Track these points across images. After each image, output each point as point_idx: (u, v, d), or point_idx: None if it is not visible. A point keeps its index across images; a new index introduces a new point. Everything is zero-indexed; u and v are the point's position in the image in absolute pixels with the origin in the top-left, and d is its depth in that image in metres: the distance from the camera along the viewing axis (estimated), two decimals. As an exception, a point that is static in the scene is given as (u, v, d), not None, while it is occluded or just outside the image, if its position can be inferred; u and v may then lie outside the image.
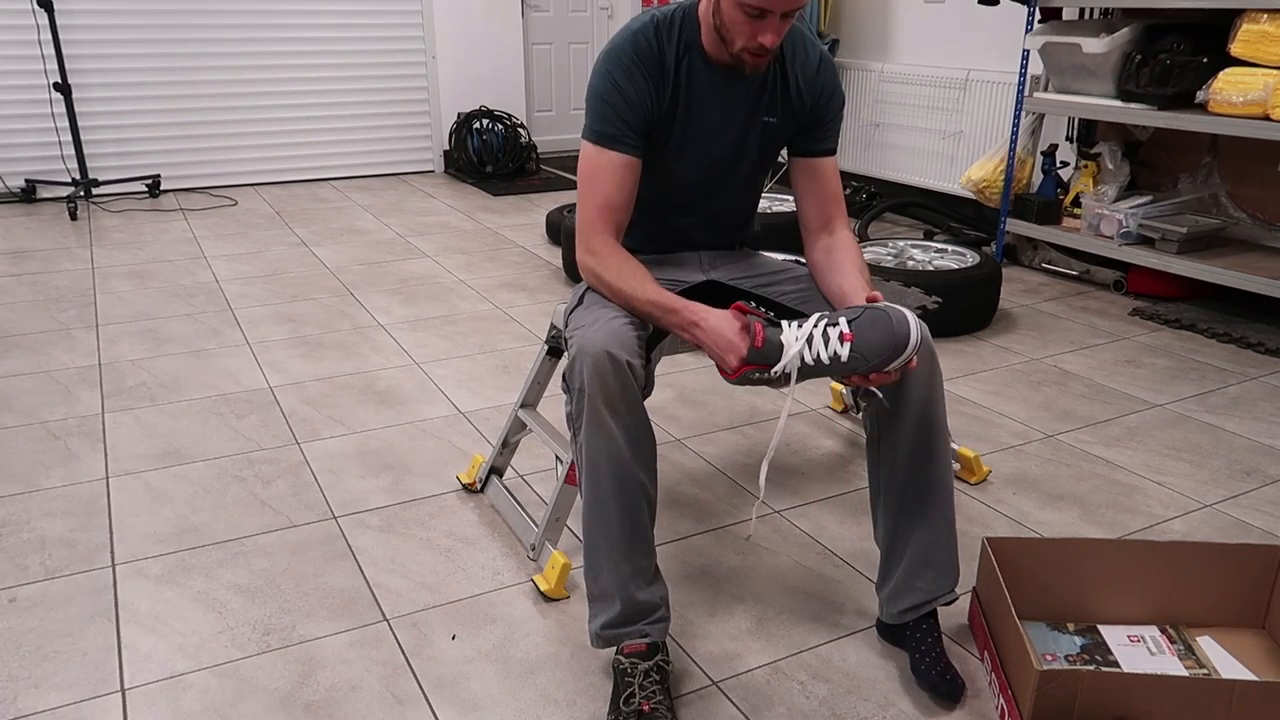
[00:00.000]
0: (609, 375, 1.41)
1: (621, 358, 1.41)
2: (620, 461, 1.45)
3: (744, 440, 2.37)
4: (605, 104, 1.54)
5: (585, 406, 1.43)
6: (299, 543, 1.92)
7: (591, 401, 1.42)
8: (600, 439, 1.44)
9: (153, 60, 5.07)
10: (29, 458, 2.25)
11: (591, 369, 1.41)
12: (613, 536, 1.47)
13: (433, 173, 5.93)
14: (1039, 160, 3.75)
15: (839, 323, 1.37)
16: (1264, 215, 3.42)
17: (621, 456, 1.44)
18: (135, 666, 1.56)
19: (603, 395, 1.42)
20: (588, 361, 1.41)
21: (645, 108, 1.55)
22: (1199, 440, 2.39)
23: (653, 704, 1.41)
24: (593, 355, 1.41)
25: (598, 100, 1.55)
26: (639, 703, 1.41)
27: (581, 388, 1.42)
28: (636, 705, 1.41)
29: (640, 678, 1.43)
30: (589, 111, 1.57)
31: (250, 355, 2.90)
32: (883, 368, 1.36)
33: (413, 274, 3.77)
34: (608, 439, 1.43)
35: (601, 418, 1.43)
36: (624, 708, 1.41)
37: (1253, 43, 2.93)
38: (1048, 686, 1.33)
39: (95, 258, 3.94)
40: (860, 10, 4.89)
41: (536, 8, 6.13)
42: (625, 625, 1.47)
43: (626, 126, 1.54)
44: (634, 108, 1.54)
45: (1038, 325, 3.22)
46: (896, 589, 1.56)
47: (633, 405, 1.44)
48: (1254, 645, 1.60)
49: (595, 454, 1.45)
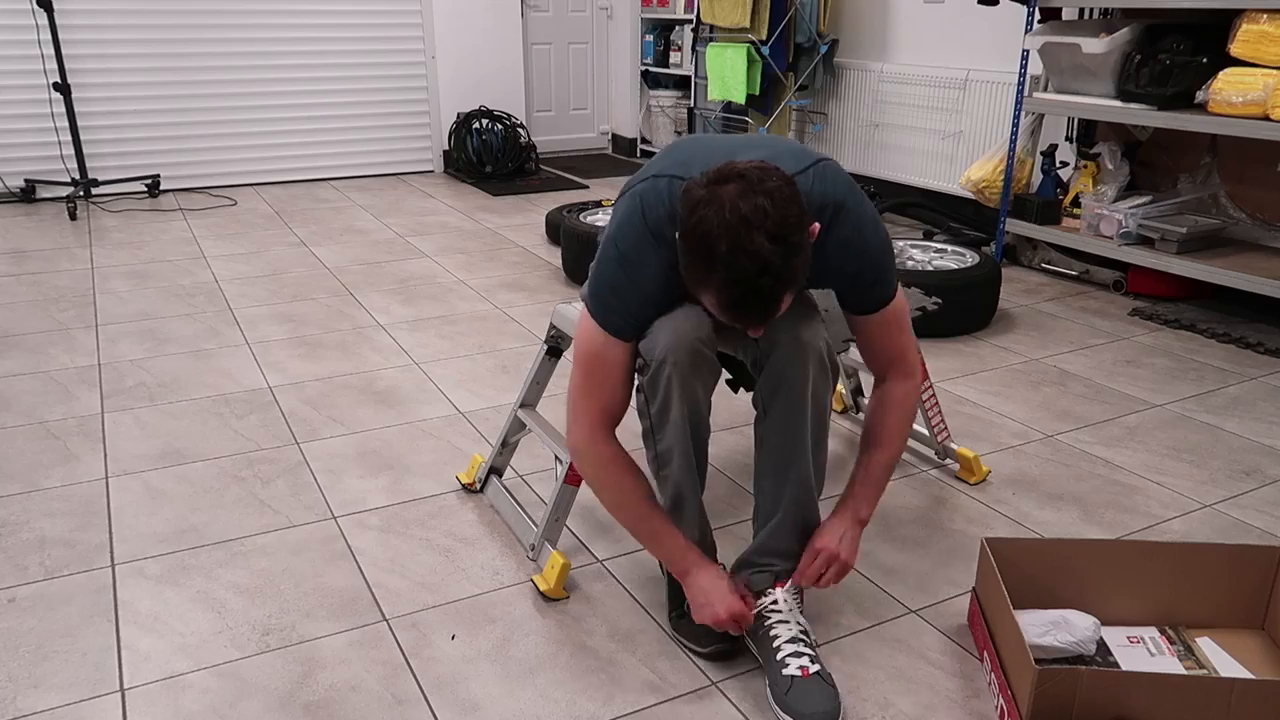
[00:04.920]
0: (695, 357, 1.44)
1: (704, 336, 1.44)
2: (699, 421, 1.51)
3: (744, 440, 2.37)
4: (619, 300, 1.44)
5: (672, 378, 1.44)
6: (298, 543, 1.92)
7: (678, 374, 1.43)
8: (687, 405, 1.47)
9: (153, 60, 5.07)
10: (29, 458, 2.25)
11: (675, 351, 1.42)
12: (699, 484, 1.56)
13: (432, 173, 5.93)
14: (1039, 160, 3.75)
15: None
16: (1264, 215, 3.42)
17: (700, 415, 1.50)
18: (134, 666, 1.56)
19: (690, 372, 1.44)
20: (671, 345, 1.42)
21: (645, 308, 1.46)
22: (1199, 440, 2.39)
23: None
24: (675, 341, 1.42)
25: (612, 290, 1.44)
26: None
27: (664, 360, 1.43)
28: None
29: None
30: (598, 294, 1.46)
31: (250, 355, 2.90)
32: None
33: (412, 274, 3.77)
34: (693, 402, 1.47)
35: (686, 387, 1.45)
36: (687, 608, 1.55)
37: (1252, 43, 2.93)
38: (1046, 686, 1.33)
39: (95, 258, 3.94)
40: (859, 10, 4.89)
41: (536, 8, 6.13)
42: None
43: (630, 320, 1.46)
44: (640, 309, 1.46)
45: (1037, 325, 3.22)
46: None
47: (710, 366, 1.48)
48: (1254, 646, 1.60)
49: (681, 419, 1.48)
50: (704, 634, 1.57)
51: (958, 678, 1.55)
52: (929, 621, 1.69)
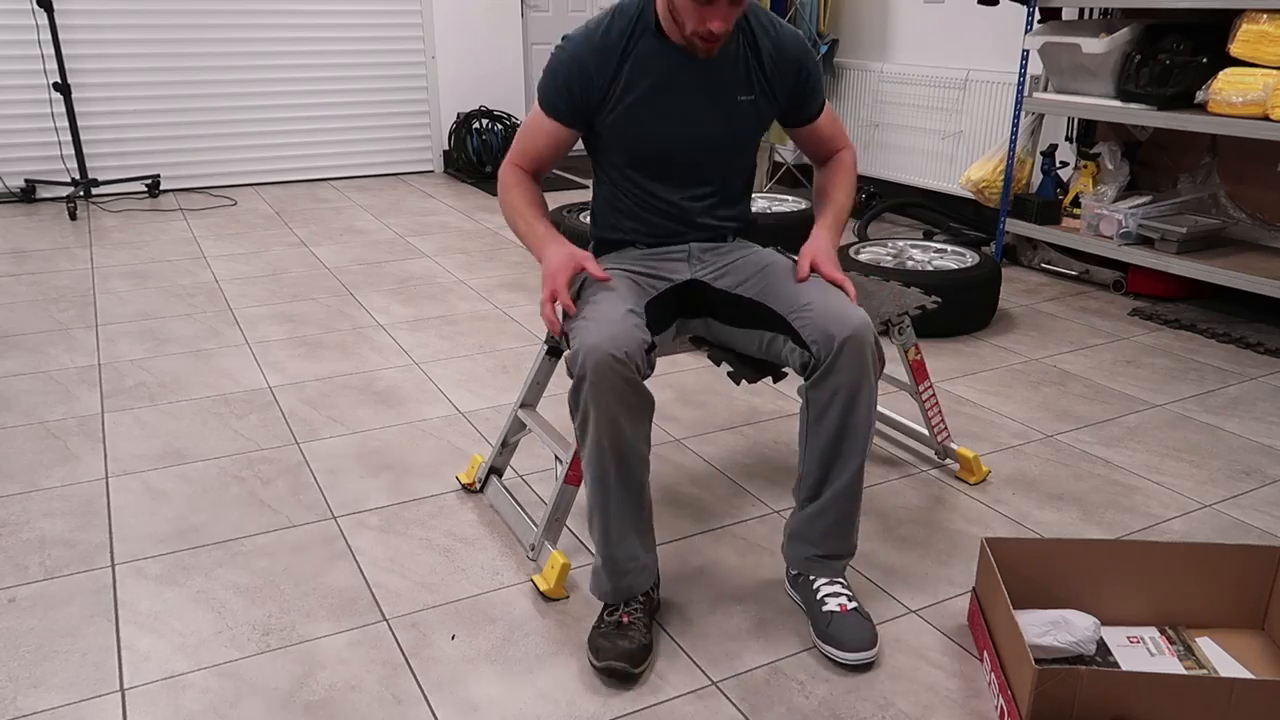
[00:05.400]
0: (614, 377, 1.44)
1: (624, 356, 1.44)
2: (622, 444, 1.50)
3: (743, 440, 2.37)
4: (554, 79, 1.66)
5: (589, 399, 1.46)
6: (298, 543, 1.92)
7: (596, 394, 1.45)
8: (603, 427, 1.48)
9: (153, 60, 5.07)
10: (29, 457, 2.25)
11: (594, 370, 1.43)
12: (619, 514, 1.56)
13: (432, 173, 5.93)
14: (1038, 160, 3.75)
15: None
16: (1263, 215, 3.42)
17: (623, 439, 1.50)
18: (134, 666, 1.56)
19: (609, 394, 1.45)
20: (590, 362, 1.44)
21: (587, 91, 1.64)
22: (1198, 440, 2.39)
23: (633, 617, 1.57)
24: (595, 358, 1.43)
25: (550, 74, 1.67)
26: (620, 615, 1.57)
27: (584, 377, 1.45)
28: (618, 617, 1.57)
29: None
30: (543, 79, 1.69)
31: (250, 355, 2.90)
32: None
33: (412, 274, 3.77)
34: (610, 424, 1.48)
35: (604, 411, 1.46)
36: (607, 618, 1.58)
37: (1252, 43, 2.93)
38: (1046, 686, 1.33)
39: (95, 257, 3.94)
40: (860, 10, 4.89)
41: (536, 8, 6.13)
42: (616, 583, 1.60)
43: (563, 103, 1.66)
44: (573, 88, 1.64)
45: (1037, 325, 3.22)
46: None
47: (636, 391, 1.48)
48: (1253, 646, 1.60)
49: (598, 438, 1.50)
50: (604, 647, 1.53)
51: (958, 678, 1.55)
52: (929, 621, 1.69)
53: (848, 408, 1.55)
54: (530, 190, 1.72)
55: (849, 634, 1.56)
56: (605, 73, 1.63)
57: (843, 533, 1.64)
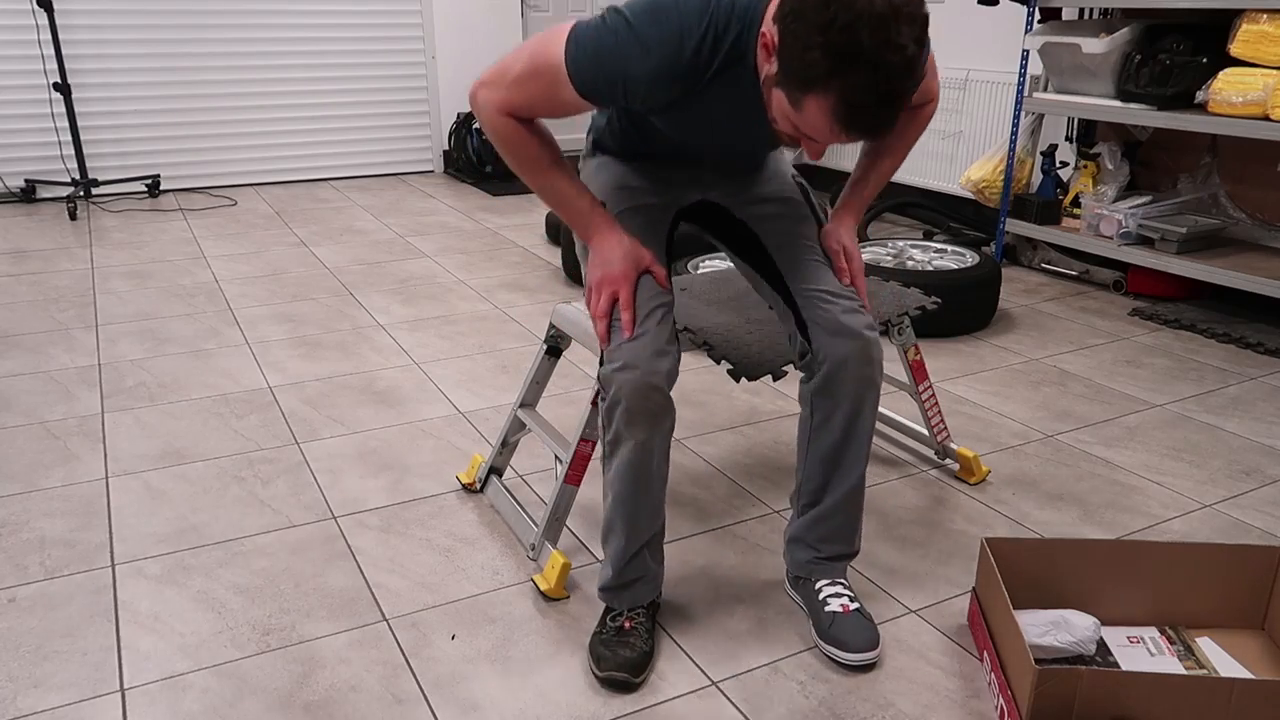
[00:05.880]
0: (649, 404, 1.44)
1: (660, 383, 1.43)
2: (650, 465, 1.50)
3: (743, 440, 2.37)
4: (608, 75, 1.33)
5: (621, 423, 1.46)
6: (298, 543, 1.92)
7: (628, 419, 1.45)
8: (634, 450, 1.48)
9: (153, 60, 5.07)
10: (29, 458, 2.25)
11: (630, 395, 1.43)
12: (638, 531, 1.55)
13: (432, 173, 5.93)
14: (1038, 160, 3.75)
15: None
16: (1264, 215, 3.42)
17: (651, 461, 1.50)
18: (135, 666, 1.56)
19: (642, 418, 1.45)
20: (627, 389, 1.43)
21: (644, 100, 1.38)
22: (1198, 440, 2.39)
23: (635, 623, 1.56)
24: (633, 385, 1.42)
25: (602, 66, 1.32)
26: (623, 620, 1.56)
27: (619, 402, 1.44)
28: (620, 622, 1.56)
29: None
30: (589, 62, 1.33)
31: (250, 355, 2.90)
32: None
33: (412, 274, 3.77)
34: (641, 448, 1.48)
35: (636, 435, 1.47)
36: (609, 623, 1.57)
37: (1252, 43, 2.93)
38: (1046, 686, 1.33)
39: (95, 258, 3.94)
40: (860, 10, 4.89)
41: (536, 8, 6.13)
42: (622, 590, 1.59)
43: (604, 97, 1.38)
44: (630, 97, 1.36)
45: (1037, 325, 3.22)
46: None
47: (665, 412, 1.48)
48: (1253, 646, 1.60)
49: (629, 460, 1.49)
50: (605, 656, 1.52)
51: (958, 678, 1.55)
52: (929, 621, 1.69)
53: (853, 416, 1.55)
54: (552, 149, 1.48)
55: (852, 635, 1.57)
56: (674, 95, 1.37)
57: (846, 535, 1.65)
